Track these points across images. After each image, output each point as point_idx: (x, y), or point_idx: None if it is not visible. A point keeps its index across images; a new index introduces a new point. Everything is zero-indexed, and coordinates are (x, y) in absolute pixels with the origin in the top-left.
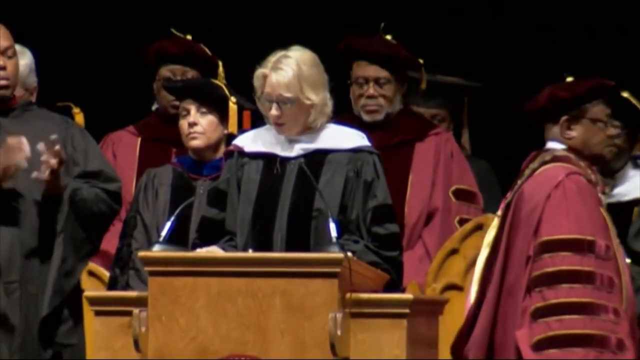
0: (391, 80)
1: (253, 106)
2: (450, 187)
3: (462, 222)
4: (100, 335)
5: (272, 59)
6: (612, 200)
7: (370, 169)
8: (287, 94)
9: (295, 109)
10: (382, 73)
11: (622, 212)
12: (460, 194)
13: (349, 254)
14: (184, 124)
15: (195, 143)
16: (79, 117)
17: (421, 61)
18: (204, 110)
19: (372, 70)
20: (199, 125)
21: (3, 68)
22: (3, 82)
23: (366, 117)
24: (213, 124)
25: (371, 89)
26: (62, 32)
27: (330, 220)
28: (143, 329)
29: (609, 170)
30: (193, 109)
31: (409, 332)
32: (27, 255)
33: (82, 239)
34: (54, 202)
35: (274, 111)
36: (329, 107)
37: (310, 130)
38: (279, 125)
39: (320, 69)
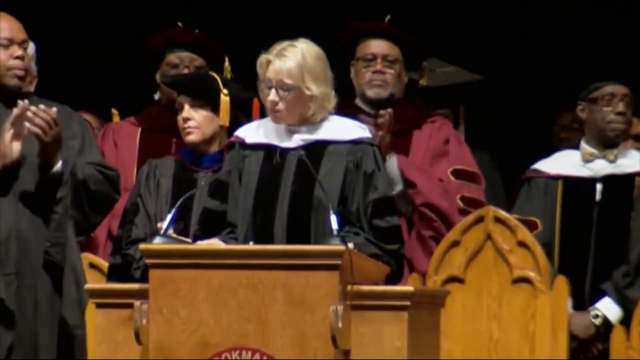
0: (399, 60)
1: (254, 95)
2: (448, 168)
3: (464, 199)
4: (102, 327)
5: (278, 47)
6: (617, 171)
7: (370, 160)
8: (288, 81)
9: (294, 98)
10: (392, 50)
11: (625, 183)
12: (460, 174)
13: (350, 245)
14: (180, 119)
15: (191, 138)
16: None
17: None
18: (197, 104)
19: (382, 47)
20: (192, 120)
21: (22, 58)
22: (21, 73)
23: (371, 93)
24: (207, 118)
25: (379, 65)
26: (64, 25)
27: (331, 212)
28: (144, 322)
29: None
30: (186, 104)
31: (410, 325)
32: (23, 247)
33: (78, 214)
34: (46, 171)
35: (272, 96)
36: (331, 104)
37: (310, 122)
38: (275, 112)
39: (324, 64)
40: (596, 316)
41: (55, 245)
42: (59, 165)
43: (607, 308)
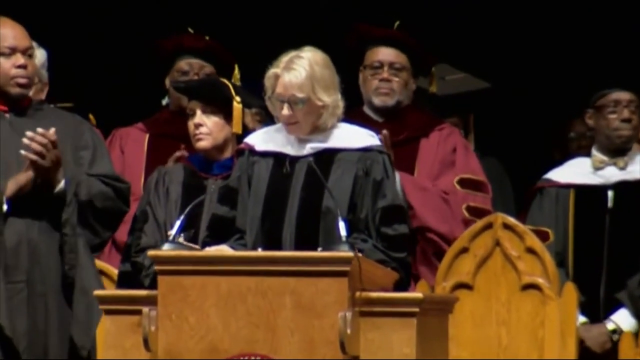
0: (406, 68)
1: (264, 104)
2: (454, 178)
3: (469, 209)
4: (110, 334)
5: (285, 59)
6: (628, 177)
7: (379, 168)
8: (300, 95)
9: (306, 109)
10: (398, 58)
11: (636, 189)
12: (466, 183)
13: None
14: (191, 124)
15: (202, 144)
16: (91, 118)
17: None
18: (209, 110)
19: (389, 55)
20: (204, 126)
21: (24, 67)
22: (24, 81)
23: (377, 101)
24: (219, 124)
25: (385, 73)
26: (73, 30)
27: (340, 219)
28: (153, 328)
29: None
30: (198, 109)
31: (418, 331)
32: (34, 255)
33: (88, 233)
34: (48, 192)
35: (285, 111)
36: (340, 109)
37: (320, 130)
38: (290, 125)
39: (332, 70)
40: (614, 331)
41: (72, 267)
42: (61, 185)
43: (624, 320)
